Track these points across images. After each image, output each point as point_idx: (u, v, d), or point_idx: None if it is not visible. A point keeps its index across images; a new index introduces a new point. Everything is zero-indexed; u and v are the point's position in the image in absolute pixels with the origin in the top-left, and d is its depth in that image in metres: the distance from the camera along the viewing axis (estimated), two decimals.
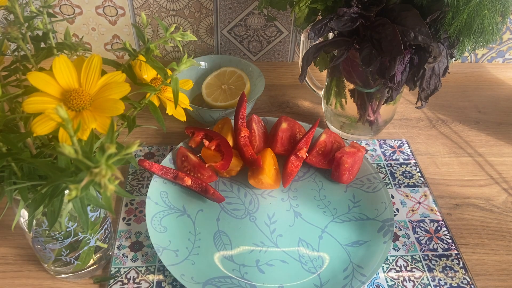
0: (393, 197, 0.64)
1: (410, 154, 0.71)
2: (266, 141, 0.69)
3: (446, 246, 0.58)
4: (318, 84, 0.75)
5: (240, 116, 0.67)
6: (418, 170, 0.69)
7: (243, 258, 0.55)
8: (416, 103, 0.61)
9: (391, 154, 0.71)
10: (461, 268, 0.56)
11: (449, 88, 0.87)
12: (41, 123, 0.33)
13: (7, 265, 0.54)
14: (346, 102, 0.69)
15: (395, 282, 0.54)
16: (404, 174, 0.68)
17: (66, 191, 0.38)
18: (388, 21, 0.53)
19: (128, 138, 0.69)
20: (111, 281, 0.52)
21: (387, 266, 0.56)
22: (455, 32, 0.53)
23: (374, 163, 0.69)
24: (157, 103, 0.47)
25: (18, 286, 0.52)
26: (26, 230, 0.46)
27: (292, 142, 0.68)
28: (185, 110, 0.51)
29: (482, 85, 0.89)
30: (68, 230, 0.45)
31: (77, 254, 0.48)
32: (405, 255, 0.57)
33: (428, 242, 0.58)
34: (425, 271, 0.55)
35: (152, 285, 0.52)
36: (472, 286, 0.54)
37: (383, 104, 0.66)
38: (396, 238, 0.59)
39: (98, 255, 0.52)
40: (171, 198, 0.61)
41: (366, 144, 0.73)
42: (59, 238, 0.46)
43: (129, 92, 0.37)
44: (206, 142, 0.65)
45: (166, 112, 0.48)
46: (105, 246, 0.52)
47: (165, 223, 0.57)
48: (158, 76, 0.52)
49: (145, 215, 0.57)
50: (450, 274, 0.55)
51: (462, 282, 0.54)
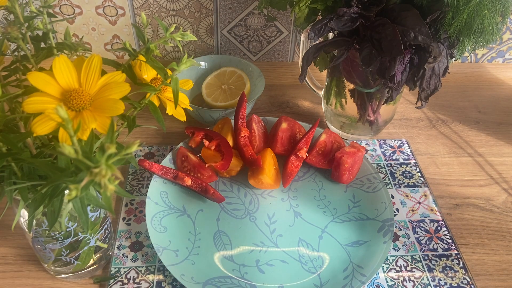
0: (393, 197, 0.64)
1: (410, 154, 0.71)
2: (266, 141, 0.69)
3: (446, 246, 0.58)
4: (318, 84, 0.75)
5: (240, 116, 0.67)
6: (418, 170, 0.69)
7: (243, 258, 0.55)
8: (416, 103, 0.61)
9: (391, 154, 0.71)
10: (461, 268, 0.56)
11: (449, 88, 0.87)
12: (41, 123, 0.33)
13: (7, 265, 0.54)
14: (346, 102, 0.69)
15: (395, 282, 0.54)
16: (404, 174, 0.68)
17: (66, 191, 0.38)
18: (388, 21, 0.53)
19: (128, 138, 0.69)
20: (111, 281, 0.52)
21: (387, 266, 0.56)
22: (455, 32, 0.53)
23: (374, 163, 0.69)
24: (157, 103, 0.47)
25: (18, 286, 0.52)
26: (26, 230, 0.46)
27: (292, 142, 0.68)
28: (185, 110, 0.51)
29: (482, 85, 0.89)
30: (68, 230, 0.45)
31: (77, 254, 0.48)
32: (405, 255, 0.57)
33: (428, 242, 0.58)
34: (425, 271, 0.55)
35: (152, 285, 0.52)
36: (472, 286, 0.54)
37: (383, 104, 0.66)
38: (396, 238, 0.59)
39: (98, 255, 0.52)
40: (171, 198, 0.61)
41: (366, 144, 0.73)
42: (59, 238, 0.46)
43: (129, 92, 0.37)
44: (206, 142, 0.65)
45: (166, 112, 0.48)
46: (105, 246, 0.52)
47: (165, 223, 0.57)
48: (158, 76, 0.52)
49: (145, 215, 0.57)
50: (450, 274, 0.55)
51: (462, 282, 0.54)
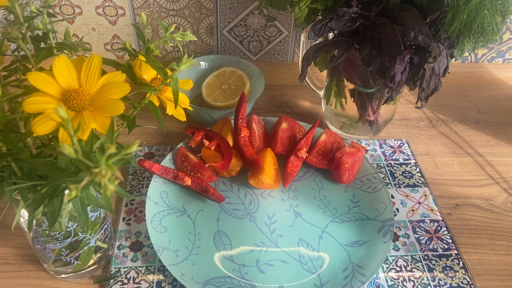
0: (393, 197, 0.64)
1: (410, 154, 0.71)
2: (266, 141, 0.69)
3: (446, 246, 0.58)
4: (318, 84, 0.75)
5: (240, 116, 0.67)
6: (418, 170, 0.69)
7: (243, 258, 0.55)
8: (416, 103, 0.61)
9: (391, 154, 0.71)
10: (461, 268, 0.56)
11: (449, 88, 0.87)
12: (41, 123, 0.33)
13: (7, 265, 0.54)
14: (346, 102, 0.69)
15: (395, 282, 0.54)
16: (404, 174, 0.68)
17: (66, 191, 0.38)
18: (388, 21, 0.53)
19: (128, 138, 0.69)
20: (111, 281, 0.52)
21: (387, 266, 0.56)
22: (455, 32, 0.53)
23: (374, 163, 0.69)
24: (157, 103, 0.47)
25: (18, 286, 0.52)
26: (26, 230, 0.46)
27: (292, 142, 0.68)
28: (185, 110, 0.51)
29: (482, 85, 0.89)
30: (68, 230, 0.45)
31: (77, 254, 0.48)
32: (405, 255, 0.57)
33: (428, 242, 0.58)
34: (425, 271, 0.55)
35: (152, 285, 0.52)
36: (472, 286, 0.54)
37: (383, 104, 0.66)
38: (396, 238, 0.59)
39: (98, 255, 0.52)
40: (171, 198, 0.61)
41: (366, 144, 0.73)
42: (59, 238, 0.46)
43: (129, 92, 0.37)
44: (206, 142, 0.65)
45: (166, 112, 0.48)
46: (105, 246, 0.52)
47: (165, 223, 0.57)
48: (158, 76, 0.52)
49: (145, 215, 0.57)
50: (450, 274, 0.55)
51: (462, 282, 0.54)
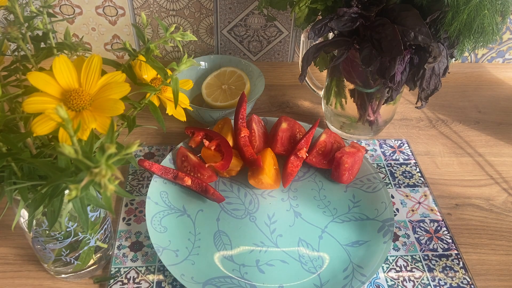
0: (393, 197, 0.64)
1: (410, 154, 0.71)
2: (266, 141, 0.69)
3: (446, 246, 0.58)
4: (318, 84, 0.75)
5: (240, 116, 0.67)
6: (418, 170, 0.69)
7: (243, 258, 0.55)
8: (416, 103, 0.61)
9: (391, 154, 0.71)
10: (461, 268, 0.56)
11: (449, 88, 0.87)
12: (41, 123, 0.33)
13: (7, 265, 0.54)
14: (346, 102, 0.69)
15: (395, 282, 0.54)
16: (404, 174, 0.68)
17: (66, 191, 0.38)
18: (388, 21, 0.53)
19: (128, 138, 0.69)
20: (111, 281, 0.52)
21: (387, 266, 0.56)
22: (455, 32, 0.53)
23: (374, 163, 0.69)
24: (157, 103, 0.47)
25: (18, 286, 0.52)
26: (26, 230, 0.46)
27: (292, 142, 0.68)
28: (185, 110, 0.51)
29: (482, 85, 0.89)
30: (68, 230, 0.45)
31: (77, 254, 0.48)
32: (405, 255, 0.57)
33: (428, 242, 0.58)
34: (425, 271, 0.55)
35: (152, 285, 0.52)
36: (472, 286, 0.54)
37: (383, 104, 0.66)
38: (396, 238, 0.59)
39: (98, 255, 0.52)
40: (171, 198, 0.61)
41: (366, 144, 0.73)
42: (59, 238, 0.46)
43: (129, 92, 0.37)
44: (206, 142, 0.65)
45: (166, 112, 0.48)
46: (105, 246, 0.52)
47: (165, 223, 0.57)
48: (158, 76, 0.52)
49: (145, 215, 0.57)
50: (450, 274, 0.55)
51: (462, 282, 0.54)
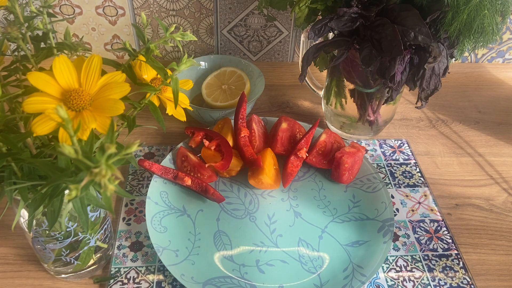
0: (393, 197, 0.64)
1: (410, 154, 0.71)
2: (266, 141, 0.69)
3: (446, 246, 0.58)
4: (318, 84, 0.75)
5: (240, 116, 0.67)
6: (418, 170, 0.69)
7: (243, 258, 0.55)
8: (416, 103, 0.61)
9: (391, 154, 0.71)
10: (461, 268, 0.56)
11: (449, 88, 0.87)
12: (41, 123, 0.33)
13: (7, 265, 0.54)
14: (346, 102, 0.69)
15: (395, 282, 0.54)
16: (404, 174, 0.68)
17: (66, 191, 0.38)
18: (388, 21, 0.53)
19: (128, 138, 0.69)
20: (111, 281, 0.52)
21: (387, 266, 0.56)
22: (455, 32, 0.53)
23: (374, 163, 0.69)
24: (157, 103, 0.47)
25: (18, 286, 0.52)
26: (26, 230, 0.46)
27: (292, 142, 0.68)
28: (185, 110, 0.51)
29: (482, 85, 0.89)
30: (68, 230, 0.45)
31: (77, 254, 0.48)
32: (405, 255, 0.57)
33: (428, 242, 0.58)
34: (425, 271, 0.55)
35: (152, 285, 0.52)
36: (472, 286, 0.54)
37: (383, 104, 0.66)
38: (396, 238, 0.59)
39: (98, 255, 0.52)
40: (171, 198, 0.61)
41: (366, 144, 0.73)
42: (59, 238, 0.46)
43: (129, 92, 0.37)
44: (206, 142, 0.65)
45: (166, 112, 0.48)
46: (105, 246, 0.52)
47: (165, 223, 0.57)
48: (158, 76, 0.52)
49: (145, 215, 0.57)
50: (450, 274, 0.55)
51: (462, 282, 0.54)
